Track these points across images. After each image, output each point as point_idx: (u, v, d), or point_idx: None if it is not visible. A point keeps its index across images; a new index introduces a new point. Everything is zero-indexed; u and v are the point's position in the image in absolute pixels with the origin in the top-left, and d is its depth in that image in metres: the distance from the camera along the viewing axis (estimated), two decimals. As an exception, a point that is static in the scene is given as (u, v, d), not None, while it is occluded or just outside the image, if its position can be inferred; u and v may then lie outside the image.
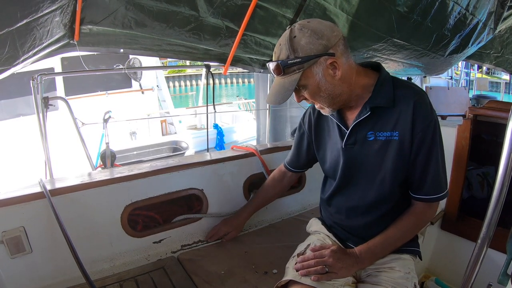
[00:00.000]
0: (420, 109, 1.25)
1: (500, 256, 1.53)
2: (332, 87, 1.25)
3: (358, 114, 1.33)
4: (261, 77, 5.06)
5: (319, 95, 1.27)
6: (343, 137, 1.38)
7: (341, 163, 1.41)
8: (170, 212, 1.96)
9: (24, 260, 1.54)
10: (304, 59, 1.19)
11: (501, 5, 2.68)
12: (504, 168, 0.89)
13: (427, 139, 1.27)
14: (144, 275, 1.64)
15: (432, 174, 1.31)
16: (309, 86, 1.25)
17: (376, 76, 1.34)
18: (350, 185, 1.43)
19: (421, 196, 1.34)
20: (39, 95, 2.53)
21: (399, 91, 1.29)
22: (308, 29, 1.19)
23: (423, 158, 1.29)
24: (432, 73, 3.76)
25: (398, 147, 1.29)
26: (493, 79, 17.72)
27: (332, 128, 1.46)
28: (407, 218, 1.37)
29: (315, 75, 1.22)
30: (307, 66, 1.20)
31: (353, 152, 1.37)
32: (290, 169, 1.83)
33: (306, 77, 1.23)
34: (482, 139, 2.26)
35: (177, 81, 27.51)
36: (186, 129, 8.52)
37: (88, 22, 1.95)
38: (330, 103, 1.30)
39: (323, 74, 1.23)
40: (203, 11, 2.03)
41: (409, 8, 2.24)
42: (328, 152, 1.50)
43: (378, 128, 1.31)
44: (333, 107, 1.33)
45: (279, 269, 1.60)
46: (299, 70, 1.21)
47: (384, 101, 1.28)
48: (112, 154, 3.35)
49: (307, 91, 1.26)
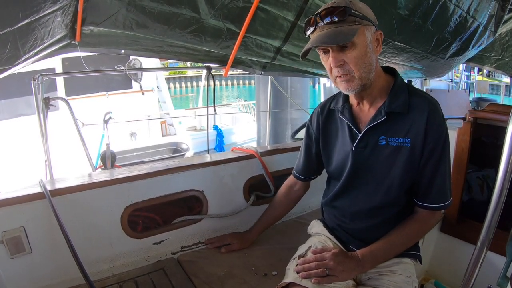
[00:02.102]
0: (434, 120, 1.26)
1: (499, 259, 1.53)
2: (373, 58, 1.26)
3: (372, 117, 1.33)
4: (262, 79, 5.07)
5: (363, 61, 1.23)
6: (354, 139, 1.38)
7: (348, 165, 1.40)
8: (170, 213, 1.96)
9: (24, 260, 1.54)
10: (364, 17, 1.21)
11: (502, 8, 2.68)
12: (504, 171, 0.89)
13: (438, 149, 1.28)
14: (144, 276, 1.64)
15: (439, 184, 1.32)
16: (359, 45, 1.21)
17: (391, 80, 1.35)
18: (355, 188, 1.43)
19: (426, 204, 1.35)
20: (39, 95, 2.54)
21: (414, 98, 1.30)
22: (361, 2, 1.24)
23: (432, 168, 1.30)
24: (433, 76, 3.75)
25: (409, 154, 1.29)
26: (493, 82, 17.71)
27: (342, 129, 1.45)
28: (410, 225, 1.37)
29: (367, 38, 1.22)
30: (365, 24, 1.21)
31: (362, 155, 1.37)
32: (300, 177, 1.74)
33: (361, 34, 1.21)
34: (482, 142, 2.26)
35: (177, 82, 27.55)
36: (185, 130, 8.57)
37: (89, 23, 1.95)
38: (366, 75, 1.26)
39: (372, 41, 1.24)
40: (204, 13, 2.03)
41: (410, 11, 2.25)
42: (335, 153, 1.49)
43: (390, 133, 1.31)
44: (364, 82, 1.27)
45: (279, 271, 1.60)
46: (358, 24, 1.20)
47: (400, 107, 1.29)
48: (112, 155, 3.36)
49: (355, 51, 1.21)
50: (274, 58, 2.55)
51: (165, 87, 9.06)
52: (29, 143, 4.87)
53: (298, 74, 3.04)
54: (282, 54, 2.51)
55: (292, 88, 4.93)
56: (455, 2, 2.32)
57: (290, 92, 4.61)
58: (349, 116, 1.39)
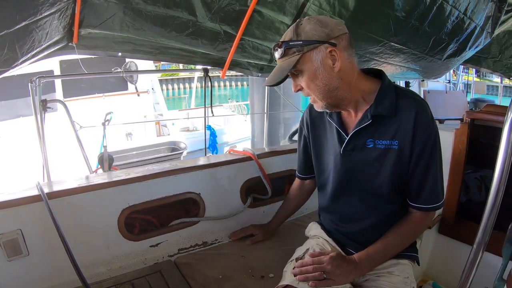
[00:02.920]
0: (422, 120, 1.26)
1: (497, 260, 1.53)
2: (329, 78, 1.25)
3: (359, 121, 1.34)
4: (256, 81, 5.09)
5: (315, 83, 1.26)
6: (342, 142, 1.38)
7: (338, 168, 1.42)
8: (167, 215, 1.95)
9: (21, 263, 1.54)
10: (305, 42, 1.21)
11: (498, 9, 2.69)
12: (500, 171, 0.89)
13: (427, 150, 1.28)
14: (141, 278, 1.63)
15: (430, 185, 1.32)
16: (306, 71, 1.25)
17: (378, 83, 1.34)
18: (347, 191, 1.44)
19: (419, 205, 1.36)
20: (37, 97, 2.53)
21: (401, 100, 1.29)
22: (314, 19, 1.24)
23: (422, 169, 1.30)
24: (430, 77, 3.77)
25: (397, 156, 1.30)
26: (489, 83, 17.74)
27: (330, 131, 1.46)
28: (405, 226, 1.37)
29: (314, 61, 1.23)
30: (307, 50, 1.22)
31: (351, 158, 1.38)
32: (303, 177, 1.79)
33: (304, 62, 1.23)
34: (479, 143, 2.26)
35: (170, 84, 27.58)
36: (179, 131, 8.70)
37: (86, 25, 1.95)
38: (325, 95, 1.28)
39: (322, 62, 1.23)
40: (201, 16, 2.03)
41: (407, 13, 2.25)
42: (325, 154, 1.50)
43: (377, 136, 1.32)
44: (327, 102, 1.30)
45: (276, 273, 1.60)
46: (298, 53, 1.22)
47: (386, 110, 1.29)
48: (109, 157, 3.35)
49: (304, 77, 1.26)
50: (271, 61, 2.55)
51: (158, 88, 9.24)
52: (29, 144, 4.86)
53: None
54: (279, 56, 2.51)
55: (285, 89, 4.97)
56: (452, 3, 2.33)
57: (283, 92, 4.64)
58: (337, 119, 1.41)
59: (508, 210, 1.25)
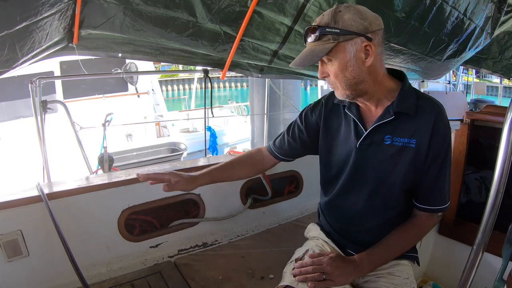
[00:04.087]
0: (441, 123, 1.27)
1: (498, 261, 1.53)
2: (358, 71, 1.23)
3: (380, 116, 1.32)
4: (256, 82, 5.10)
5: (343, 74, 1.24)
6: (359, 136, 1.36)
7: (350, 162, 1.39)
8: (167, 216, 1.96)
9: (21, 263, 1.54)
10: (343, 32, 1.19)
11: (498, 10, 2.69)
12: (499, 172, 0.89)
13: (442, 152, 1.29)
14: (141, 279, 1.64)
15: (440, 186, 1.33)
16: (337, 60, 1.22)
17: (399, 83, 1.35)
18: (356, 187, 1.41)
19: (426, 207, 1.35)
20: (37, 98, 2.53)
21: (421, 101, 1.30)
22: (354, 8, 1.21)
23: (435, 170, 1.30)
24: (430, 78, 3.76)
25: (413, 155, 1.29)
26: (489, 84, 17.76)
27: (346, 124, 1.43)
28: (409, 229, 1.37)
29: (347, 52, 1.21)
30: (343, 40, 1.19)
31: (366, 153, 1.35)
32: (274, 152, 1.64)
33: (337, 51, 1.21)
34: (480, 144, 2.27)
35: (169, 85, 27.57)
36: (179, 132, 8.73)
37: (86, 26, 1.95)
38: (350, 87, 1.26)
39: (355, 55, 1.21)
40: (201, 17, 2.03)
41: (407, 14, 2.25)
42: (336, 148, 1.46)
43: (396, 133, 1.31)
44: (349, 93, 1.28)
45: (276, 274, 1.60)
46: (334, 41, 1.20)
47: (408, 108, 1.28)
48: (110, 158, 3.35)
49: (333, 66, 1.24)
50: (271, 61, 2.55)
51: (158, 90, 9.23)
52: (29, 145, 4.87)
53: (295, 77, 3.05)
54: (279, 57, 2.51)
55: (285, 89, 5.00)
56: (452, 4, 2.33)
57: (283, 93, 4.66)
58: (356, 112, 1.38)
59: (508, 211, 1.26)
